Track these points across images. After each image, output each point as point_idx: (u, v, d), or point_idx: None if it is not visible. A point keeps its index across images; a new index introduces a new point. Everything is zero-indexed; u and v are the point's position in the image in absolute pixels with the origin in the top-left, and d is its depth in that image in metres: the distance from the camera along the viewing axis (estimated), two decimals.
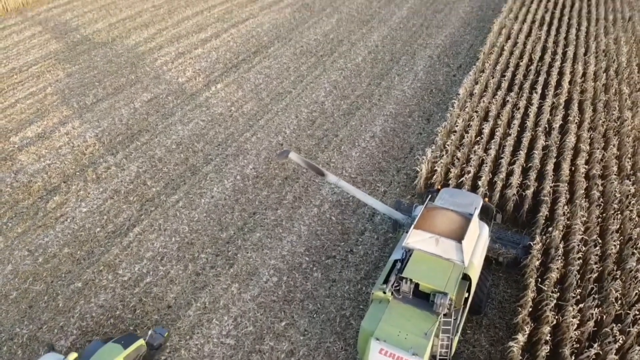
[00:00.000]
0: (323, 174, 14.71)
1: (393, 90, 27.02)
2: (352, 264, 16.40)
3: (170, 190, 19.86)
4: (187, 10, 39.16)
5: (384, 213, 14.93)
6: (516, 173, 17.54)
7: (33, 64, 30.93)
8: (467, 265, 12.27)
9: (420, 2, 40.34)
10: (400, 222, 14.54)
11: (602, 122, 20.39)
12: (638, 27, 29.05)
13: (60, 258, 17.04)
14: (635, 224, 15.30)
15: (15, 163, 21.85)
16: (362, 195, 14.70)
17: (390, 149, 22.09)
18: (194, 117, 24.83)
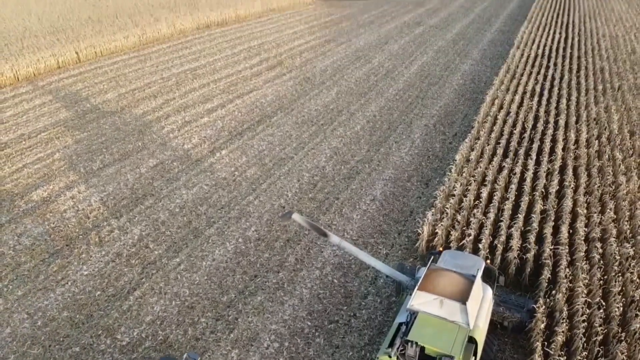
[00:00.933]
0: (326, 234, 14.93)
1: (391, 157, 27.82)
2: (355, 328, 16.16)
3: (172, 253, 19.92)
4: (194, 82, 41.07)
5: (387, 275, 14.98)
6: (515, 236, 17.74)
7: (42, 131, 32.01)
8: (473, 328, 12.18)
9: (415, 75, 42.43)
10: (404, 284, 14.55)
11: (597, 187, 20.89)
12: (627, 95, 30.45)
13: (59, 322, 16.78)
14: (636, 285, 15.30)
15: (20, 226, 22.05)
16: (364, 256, 14.83)
17: (391, 212, 22.42)
18: (198, 181, 25.37)
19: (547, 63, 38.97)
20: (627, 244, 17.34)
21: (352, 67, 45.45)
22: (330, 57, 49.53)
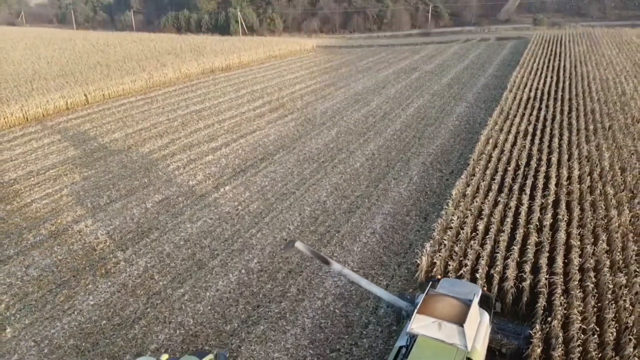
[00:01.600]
0: (328, 262, 15.51)
1: (390, 192, 28.63)
2: (357, 356, 16.43)
3: (176, 284, 20.35)
4: (199, 123, 42.47)
5: (388, 301, 15.43)
6: (511, 266, 18.28)
7: (50, 168, 32.97)
8: (470, 350, 12.58)
9: (412, 117, 43.91)
10: (404, 310, 14.97)
11: (590, 220, 21.56)
12: (618, 134, 31.59)
13: (66, 349, 17.06)
14: (630, 312, 15.71)
15: (28, 258, 22.56)
16: (366, 283, 15.35)
17: (390, 245, 23.00)
18: (202, 215, 26.06)
19: (539, 105, 40.47)
20: (620, 273, 17.84)
21: (351, 110, 47.04)
22: (330, 100, 51.29)
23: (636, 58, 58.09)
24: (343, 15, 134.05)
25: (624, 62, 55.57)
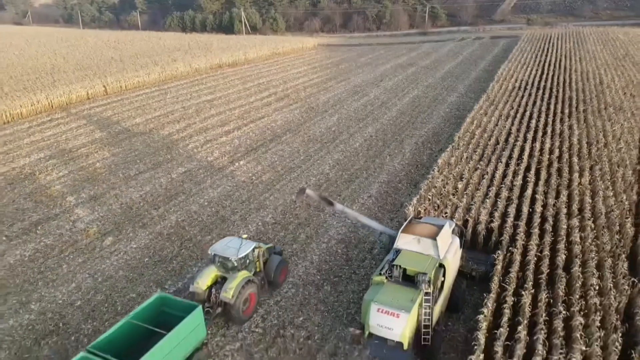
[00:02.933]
0: (332, 203, 19.30)
1: (385, 166, 32.41)
2: (355, 280, 20.22)
3: (204, 233, 24.15)
4: (211, 111, 46.28)
5: (381, 231, 19.23)
6: (484, 213, 22.04)
7: (81, 147, 36.78)
8: (442, 258, 16.34)
9: (407, 105, 47.69)
10: (393, 236, 18.72)
11: (555, 181, 25.35)
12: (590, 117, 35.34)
13: (117, 278, 20.83)
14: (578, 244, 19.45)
15: (73, 215, 26.36)
16: (363, 218, 19.14)
17: (384, 205, 26.80)
18: (221, 183, 29.84)
19: (522, 93, 44.27)
20: (575, 218, 21.59)
21: (351, 99, 50.82)
22: (332, 91, 55.08)
23: (618, 53, 61.92)
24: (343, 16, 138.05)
25: (606, 57, 59.40)
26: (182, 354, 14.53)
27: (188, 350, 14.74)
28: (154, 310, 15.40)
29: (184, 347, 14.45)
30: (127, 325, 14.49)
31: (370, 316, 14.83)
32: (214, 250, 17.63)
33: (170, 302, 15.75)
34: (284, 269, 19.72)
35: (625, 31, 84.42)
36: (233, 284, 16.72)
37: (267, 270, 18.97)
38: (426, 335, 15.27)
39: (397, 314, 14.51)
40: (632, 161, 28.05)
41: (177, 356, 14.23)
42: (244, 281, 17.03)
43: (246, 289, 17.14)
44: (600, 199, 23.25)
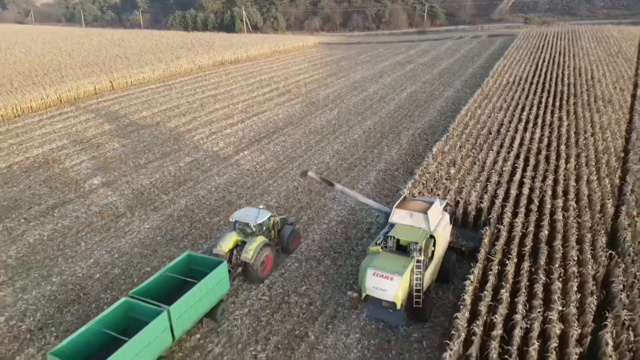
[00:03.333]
0: (332, 184, 20.87)
1: (383, 155, 33.96)
2: (353, 256, 21.76)
3: (212, 215, 25.70)
4: (215, 105, 47.82)
5: (377, 208, 20.78)
6: (474, 195, 23.59)
7: (92, 138, 38.33)
8: (432, 230, 17.88)
9: (405, 100, 49.23)
10: (388, 212, 20.26)
11: (542, 167, 26.89)
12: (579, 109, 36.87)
13: (132, 255, 22.39)
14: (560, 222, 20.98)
15: (87, 199, 27.90)
16: (361, 197, 20.70)
17: (382, 190, 28.35)
18: (227, 171, 31.40)
19: (516, 88, 45.80)
20: (559, 199, 23.13)
21: (351, 95, 52.36)
22: (332, 87, 56.63)
23: (611, 50, 63.43)
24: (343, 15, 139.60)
25: (599, 53, 60.93)
26: (211, 302, 16.76)
27: (216, 299, 16.98)
28: (184, 266, 17.57)
29: (212, 296, 16.72)
30: (162, 277, 16.80)
31: (367, 280, 16.39)
32: (235, 217, 19.99)
33: (198, 260, 17.93)
34: (296, 237, 22.06)
35: (620, 29, 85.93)
36: (252, 246, 19.01)
37: (281, 237, 21.21)
38: (418, 298, 16.82)
39: (391, 277, 16.07)
40: (617, 149, 29.59)
41: (206, 303, 16.49)
42: (261, 244, 19.32)
43: (263, 252, 19.38)
44: (584, 183, 24.82)
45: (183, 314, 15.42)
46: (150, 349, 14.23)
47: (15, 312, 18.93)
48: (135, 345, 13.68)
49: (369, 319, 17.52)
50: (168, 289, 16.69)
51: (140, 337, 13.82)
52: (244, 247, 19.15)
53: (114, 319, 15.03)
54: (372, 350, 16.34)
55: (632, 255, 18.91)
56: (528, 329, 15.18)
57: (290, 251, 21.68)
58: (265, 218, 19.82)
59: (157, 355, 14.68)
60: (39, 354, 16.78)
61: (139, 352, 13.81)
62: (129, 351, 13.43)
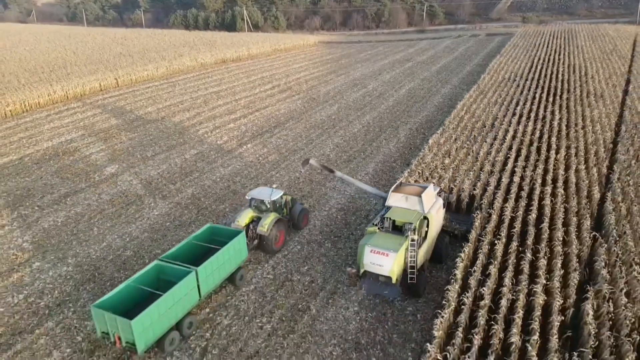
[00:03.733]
0: (333, 171, 22.13)
1: (381, 148, 35.18)
2: (352, 240, 22.98)
3: (218, 203, 26.93)
4: (218, 101, 49.06)
5: (375, 194, 22.00)
6: (467, 183, 24.82)
7: (99, 132, 39.56)
8: (426, 212, 19.09)
9: (404, 96, 50.45)
10: (385, 198, 21.48)
11: (533, 157, 28.11)
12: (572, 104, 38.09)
13: (142, 239, 23.61)
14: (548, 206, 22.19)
15: (98, 189, 29.12)
16: (359, 183, 21.98)
17: (380, 180, 29.56)
18: (231, 163, 32.62)
19: (510, 84, 47.03)
20: (548, 186, 24.35)
21: (350, 91, 53.59)
22: (332, 84, 57.85)
23: (606, 48, 64.65)
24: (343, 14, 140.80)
25: (594, 51, 62.15)
26: (231, 267, 18.77)
27: (235, 265, 18.98)
28: (207, 236, 19.73)
29: (232, 262, 18.75)
30: (189, 245, 18.99)
31: (365, 256, 17.61)
32: (251, 195, 21.96)
33: (219, 231, 20.10)
34: (305, 215, 23.89)
35: (616, 28, 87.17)
36: (267, 221, 20.95)
37: (292, 214, 23.05)
38: (412, 274, 18.03)
39: (387, 254, 17.29)
40: (607, 141, 30.82)
41: (227, 268, 18.57)
42: (275, 219, 21.26)
43: (277, 226, 21.35)
44: (572, 172, 26.05)
45: (208, 276, 17.46)
46: (180, 304, 16.26)
47: (34, 291, 20.11)
48: (169, 300, 15.68)
49: (367, 294, 18.74)
50: (192, 256, 18.60)
51: (173, 292, 15.86)
52: (260, 222, 21.10)
53: (146, 279, 17.06)
54: (369, 322, 17.56)
55: (615, 236, 20.14)
56: (514, 300, 16.40)
57: (300, 227, 23.47)
58: (278, 196, 21.62)
59: (186, 311, 16.68)
60: (58, 327, 17.94)
61: (172, 306, 15.85)
62: (163, 304, 15.45)
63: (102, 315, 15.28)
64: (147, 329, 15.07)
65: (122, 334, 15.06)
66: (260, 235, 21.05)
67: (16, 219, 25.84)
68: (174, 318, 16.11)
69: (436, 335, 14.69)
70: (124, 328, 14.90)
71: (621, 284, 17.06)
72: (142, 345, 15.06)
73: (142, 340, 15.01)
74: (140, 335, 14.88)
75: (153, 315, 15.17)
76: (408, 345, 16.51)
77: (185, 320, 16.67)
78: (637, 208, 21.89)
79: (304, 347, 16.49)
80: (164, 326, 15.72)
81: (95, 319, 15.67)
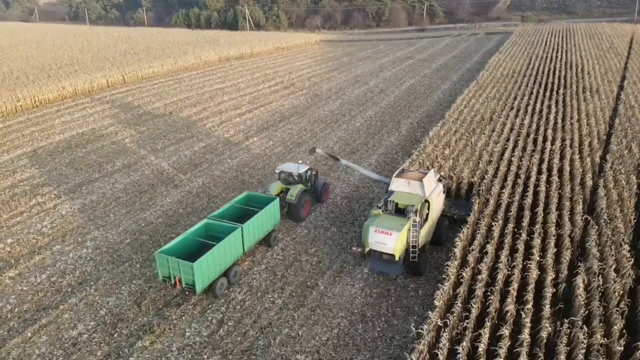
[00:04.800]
0: (338, 159, 23.34)
1: (383, 141, 36.36)
2: (357, 225, 24.16)
3: (228, 191, 28.10)
4: (224, 97, 50.23)
5: (378, 180, 23.19)
6: (466, 171, 26.00)
7: (109, 126, 40.73)
8: (427, 196, 20.27)
9: (404, 92, 51.63)
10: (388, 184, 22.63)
11: (529, 149, 29.28)
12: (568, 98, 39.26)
13: (157, 224, 24.78)
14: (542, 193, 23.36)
15: (111, 179, 30.29)
16: (363, 170, 23.15)
17: (382, 171, 30.71)
18: (239, 155, 33.80)
19: (509, 80, 48.20)
20: (543, 175, 25.52)
21: (352, 88, 54.76)
22: (334, 81, 59.02)
23: (603, 45, 65.84)
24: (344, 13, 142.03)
25: (591, 49, 63.34)
26: (268, 228, 21.55)
27: (271, 226, 21.83)
28: (245, 202, 22.57)
29: (268, 223, 21.57)
30: (232, 208, 21.90)
31: (369, 236, 18.79)
32: (280, 168, 24.66)
33: (255, 197, 22.88)
34: (327, 189, 26.47)
35: (614, 26, 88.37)
36: (295, 191, 23.62)
37: (316, 187, 25.47)
38: (414, 253, 19.21)
39: (390, 233, 18.48)
40: (600, 133, 31.99)
41: (264, 228, 21.28)
42: (302, 190, 23.91)
43: (304, 196, 24.05)
44: (567, 161, 27.24)
45: (250, 233, 20.19)
46: (229, 254, 18.99)
47: (55, 271, 21.26)
48: (221, 249, 18.39)
49: (371, 272, 19.92)
50: (231, 218, 21.11)
51: (224, 243, 18.59)
52: (288, 192, 23.72)
53: (198, 234, 19.72)
54: (374, 297, 18.75)
55: (606, 219, 21.32)
56: (510, 275, 17.58)
57: (322, 200, 26.05)
58: (304, 170, 24.15)
59: (233, 261, 19.42)
60: (81, 303, 19.09)
61: (223, 255, 18.54)
62: (216, 252, 18.18)
63: (166, 260, 17.72)
64: (204, 272, 17.61)
65: (183, 276, 17.54)
66: (289, 204, 23.62)
67: (34, 207, 26.98)
68: (224, 265, 18.74)
69: (437, 305, 15.86)
70: (185, 270, 17.42)
71: (611, 262, 18.23)
72: (200, 285, 17.59)
73: (200, 281, 17.53)
74: (199, 277, 17.41)
75: (209, 261, 17.75)
76: (410, 318, 17.69)
77: (232, 269, 19.37)
78: (627, 194, 23.08)
79: (313, 319, 17.67)
80: (216, 271, 18.34)
81: (159, 264, 18.04)
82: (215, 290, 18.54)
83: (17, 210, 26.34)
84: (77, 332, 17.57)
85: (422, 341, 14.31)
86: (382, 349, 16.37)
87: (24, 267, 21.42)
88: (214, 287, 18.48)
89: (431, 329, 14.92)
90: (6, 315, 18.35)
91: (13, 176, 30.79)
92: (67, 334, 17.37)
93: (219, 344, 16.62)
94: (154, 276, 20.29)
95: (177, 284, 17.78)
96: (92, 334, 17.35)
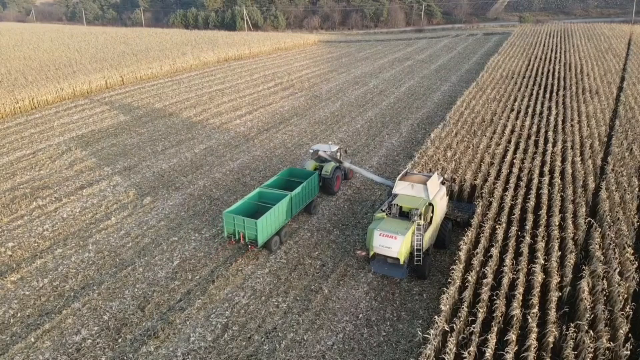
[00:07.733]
0: (341, 162, 23.25)
1: (384, 143, 36.36)
2: (359, 228, 24.14)
3: (230, 194, 28.03)
4: (223, 98, 50.13)
5: (382, 183, 23.16)
6: (468, 174, 26.01)
7: (109, 128, 40.59)
8: (431, 199, 20.26)
9: (404, 94, 51.65)
10: (392, 186, 22.62)
11: (530, 150, 29.32)
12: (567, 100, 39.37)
13: (159, 227, 24.69)
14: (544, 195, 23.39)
15: (112, 181, 30.18)
16: (366, 172, 23.09)
17: (383, 173, 30.73)
18: (239, 157, 33.73)
19: (508, 81, 48.28)
20: (544, 177, 25.56)
21: (352, 89, 54.74)
22: (333, 82, 58.99)
23: (602, 46, 66.03)
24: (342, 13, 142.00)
25: (589, 49, 63.52)
26: (309, 198, 24.63)
27: (311, 197, 24.94)
28: (287, 174, 25.88)
29: (309, 194, 24.66)
30: (278, 179, 25.26)
31: (374, 239, 18.76)
32: (315, 147, 27.55)
33: (297, 172, 26.02)
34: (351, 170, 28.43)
35: (612, 27, 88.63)
36: (329, 167, 26.63)
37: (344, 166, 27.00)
38: (418, 257, 19.19)
39: (395, 237, 18.45)
40: (601, 135, 32.06)
41: (306, 198, 24.30)
42: (335, 166, 26.80)
43: (336, 172, 26.94)
44: (569, 163, 27.28)
45: (296, 200, 23.24)
46: (281, 216, 22.18)
47: (58, 275, 21.14)
48: (276, 211, 21.56)
49: (375, 276, 19.90)
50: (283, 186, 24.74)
51: (278, 206, 21.77)
52: (323, 168, 26.59)
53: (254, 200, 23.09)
54: (378, 301, 18.73)
55: (609, 221, 21.36)
56: (515, 278, 17.59)
57: (348, 177, 29.50)
58: (335, 149, 27.01)
59: (283, 223, 22.58)
60: (84, 308, 19.00)
61: (277, 217, 21.72)
62: (273, 213, 21.37)
63: (233, 218, 21.01)
64: (264, 229, 20.74)
65: (247, 232, 20.74)
66: (324, 178, 26.44)
67: (35, 210, 26.85)
68: (278, 225, 21.99)
69: (443, 309, 15.85)
70: (249, 227, 20.61)
71: (615, 265, 18.26)
72: (261, 239, 20.81)
73: (261, 236, 20.74)
74: (261, 232, 20.58)
75: (268, 220, 20.93)
76: (416, 322, 17.68)
77: (283, 230, 22.66)
78: (629, 196, 23.14)
79: (318, 323, 17.64)
80: (272, 229, 21.49)
81: (225, 222, 21.22)
82: (271, 246, 21.62)
83: (17, 214, 26.22)
84: (81, 337, 17.48)
85: (428, 346, 14.30)
86: (388, 353, 16.35)
87: (25, 271, 21.30)
88: (270, 243, 21.54)
89: (438, 333, 14.91)
90: (9, 321, 18.24)
91: (13, 179, 30.65)
92: (71, 339, 17.28)
93: (224, 349, 16.57)
94: (157, 280, 20.24)
95: (241, 239, 20.91)
96: (96, 339, 17.27)
